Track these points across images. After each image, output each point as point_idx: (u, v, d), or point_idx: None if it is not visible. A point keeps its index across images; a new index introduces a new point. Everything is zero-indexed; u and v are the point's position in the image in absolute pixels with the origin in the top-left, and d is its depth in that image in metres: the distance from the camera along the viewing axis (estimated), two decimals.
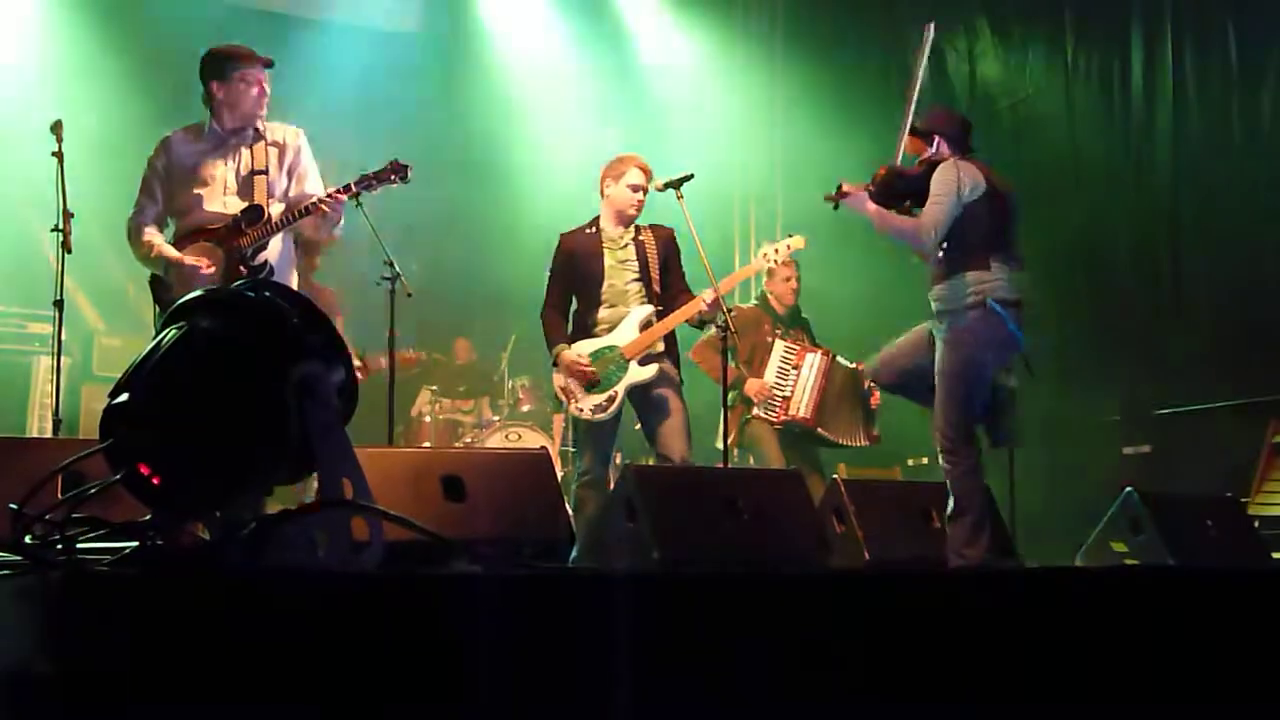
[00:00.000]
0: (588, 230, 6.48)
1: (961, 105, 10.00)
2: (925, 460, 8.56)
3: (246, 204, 5.60)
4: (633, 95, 11.11)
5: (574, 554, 4.54)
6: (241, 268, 5.49)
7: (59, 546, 2.57)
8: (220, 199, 5.65)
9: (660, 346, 6.36)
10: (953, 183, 5.24)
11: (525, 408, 9.99)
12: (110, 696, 2.11)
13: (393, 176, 5.64)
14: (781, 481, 4.86)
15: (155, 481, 2.55)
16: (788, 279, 7.86)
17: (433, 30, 11.11)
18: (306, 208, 5.56)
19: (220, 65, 5.69)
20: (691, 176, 6.32)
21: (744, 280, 8.40)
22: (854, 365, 7.60)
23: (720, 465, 6.59)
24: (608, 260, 6.37)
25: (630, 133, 10.01)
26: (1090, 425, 8.22)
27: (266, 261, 5.58)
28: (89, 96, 8.45)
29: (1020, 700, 3.07)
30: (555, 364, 6.39)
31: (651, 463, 6.54)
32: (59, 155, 5.98)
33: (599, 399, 6.27)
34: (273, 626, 2.24)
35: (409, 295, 6.38)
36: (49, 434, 6.73)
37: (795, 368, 7.64)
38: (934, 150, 5.49)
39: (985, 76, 9.92)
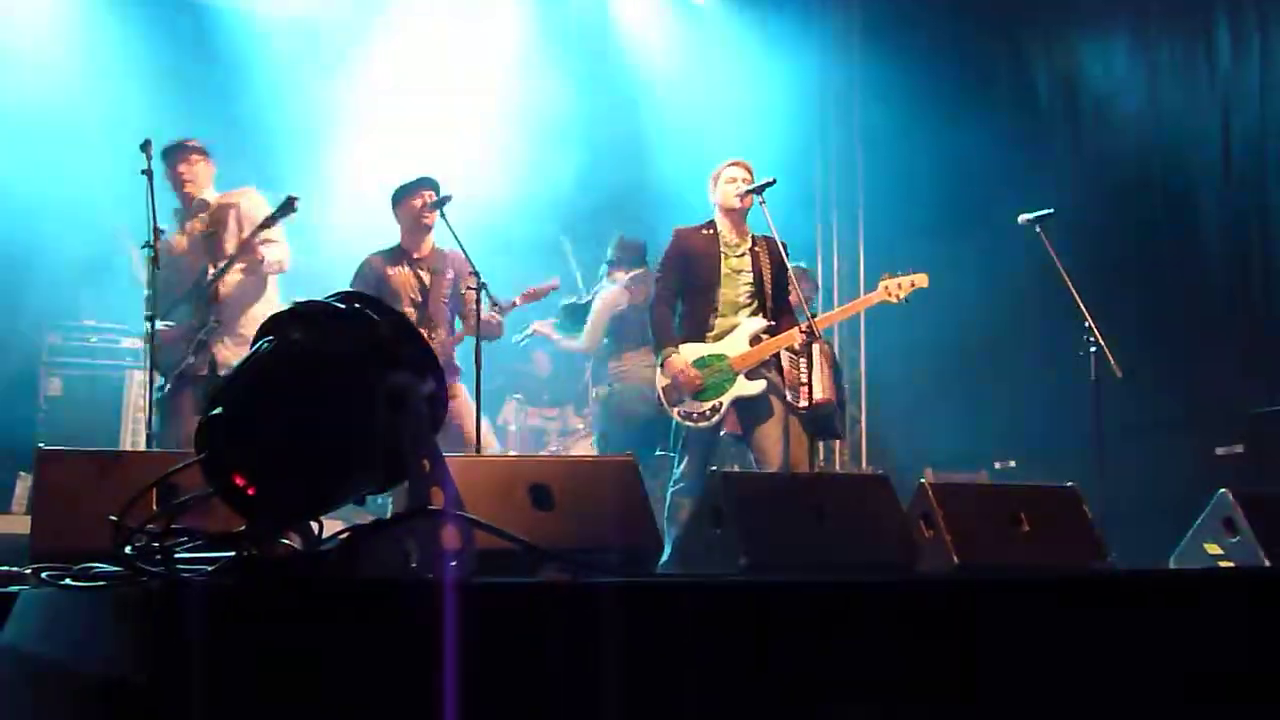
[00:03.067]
0: (704, 231, 6.44)
1: (1042, 100, 9.89)
2: (1013, 463, 8.47)
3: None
4: (708, 99, 11.05)
5: (664, 560, 4.54)
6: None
7: (157, 557, 2.62)
8: (191, 264, 6.66)
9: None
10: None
11: None
12: (208, 706, 2.15)
13: (286, 212, 6.40)
14: (869, 486, 4.82)
15: (250, 492, 2.59)
16: None
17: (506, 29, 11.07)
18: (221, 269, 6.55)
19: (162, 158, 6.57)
20: (774, 182, 6.30)
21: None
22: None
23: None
24: (724, 268, 6.34)
25: (710, 138, 9.96)
26: (1181, 425, 8.08)
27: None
28: (177, 113, 8.57)
29: (1116, 704, 3.03)
30: (661, 366, 6.34)
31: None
32: (148, 173, 6.11)
33: (703, 407, 6.21)
34: (366, 634, 2.26)
35: (494, 305, 6.44)
36: (142, 447, 6.85)
37: (804, 356, 7.47)
38: None
39: (1067, 69, 9.79)
